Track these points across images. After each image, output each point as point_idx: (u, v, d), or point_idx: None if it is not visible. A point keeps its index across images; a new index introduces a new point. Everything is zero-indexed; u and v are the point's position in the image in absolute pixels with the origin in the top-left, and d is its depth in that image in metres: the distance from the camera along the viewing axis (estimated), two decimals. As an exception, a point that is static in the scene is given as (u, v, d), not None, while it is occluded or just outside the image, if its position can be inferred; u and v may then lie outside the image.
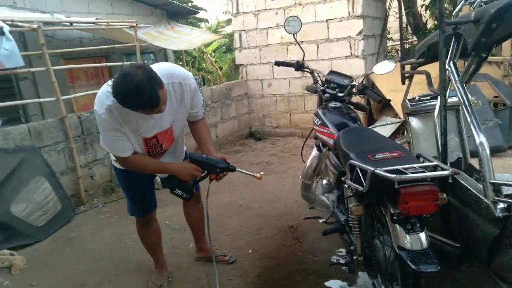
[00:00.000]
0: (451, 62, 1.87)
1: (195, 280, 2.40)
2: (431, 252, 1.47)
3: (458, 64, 1.94)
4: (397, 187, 1.41)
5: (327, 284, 2.22)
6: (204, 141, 2.08)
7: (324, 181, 2.55)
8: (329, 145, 2.29)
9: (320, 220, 2.35)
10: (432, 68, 2.72)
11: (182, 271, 2.51)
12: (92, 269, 2.65)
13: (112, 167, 1.94)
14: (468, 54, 1.73)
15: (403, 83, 2.67)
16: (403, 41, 2.71)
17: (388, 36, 6.83)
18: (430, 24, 6.60)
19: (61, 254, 2.89)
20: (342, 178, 1.88)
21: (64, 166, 3.67)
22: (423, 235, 1.50)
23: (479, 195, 1.62)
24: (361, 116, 4.65)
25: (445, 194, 1.51)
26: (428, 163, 1.53)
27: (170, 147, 2.05)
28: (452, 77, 1.85)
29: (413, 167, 1.49)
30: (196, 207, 2.43)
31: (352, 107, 2.60)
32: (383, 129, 4.72)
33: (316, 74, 2.72)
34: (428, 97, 2.65)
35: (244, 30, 5.94)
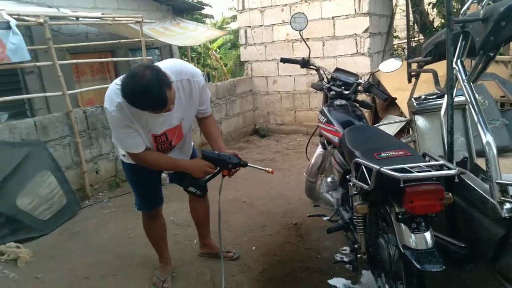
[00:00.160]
0: (459, 61, 1.86)
1: (199, 276, 2.41)
2: (436, 252, 1.46)
3: (465, 63, 1.93)
4: (403, 186, 1.40)
5: (331, 282, 2.22)
6: (214, 138, 2.09)
7: (329, 179, 2.54)
8: (334, 143, 2.28)
9: (324, 218, 2.35)
10: (439, 67, 2.70)
11: (186, 267, 2.52)
12: (97, 263, 2.67)
13: (120, 162, 1.96)
14: (476, 53, 1.72)
15: (410, 82, 2.65)
16: (410, 39, 2.68)
17: (394, 34, 6.78)
18: (437, 23, 6.54)
19: (66, 248, 2.91)
20: (347, 176, 1.88)
21: (70, 161, 3.69)
22: (428, 235, 1.50)
23: (486, 195, 1.61)
24: (366, 114, 4.63)
25: (451, 194, 1.51)
26: (434, 162, 1.53)
27: (179, 143, 2.06)
28: (460, 76, 1.83)
29: (419, 166, 1.48)
30: (203, 204, 2.44)
31: (358, 105, 2.58)
32: (389, 128, 4.70)
33: (322, 72, 2.71)
34: (434, 96, 2.63)
35: (250, 27, 5.92)
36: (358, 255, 1.92)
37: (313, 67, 2.70)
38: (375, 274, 1.90)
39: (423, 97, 2.68)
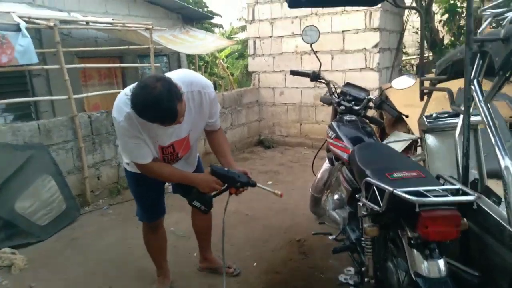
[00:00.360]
0: (475, 81, 1.80)
1: (198, 291, 2.33)
2: (450, 281, 1.39)
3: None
4: (418, 211, 1.33)
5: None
6: (224, 153, 2.04)
7: (336, 196, 2.47)
8: (343, 160, 2.21)
9: (330, 237, 2.27)
10: (451, 85, 2.65)
11: (185, 281, 2.44)
12: (93, 272, 2.60)
13: (122, 169, 1.91)
14: (496, 73, 1.66)
15: (422, 99, 2.59)
16: (423, 56, 2.63)
17: (404, 50, 6.75)
18: (447, 40, 6.51)
19: (63, 255, 2.85)
20: (357, 196, 1.81)
21: (72, 166, 3.64)
22: (442, 262, 1.42)
23: (503, 222, 1.53)
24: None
25: (465, 219, 1.43)
26: (451, 186, 1.45)
27: (185, 155, 2.01)
28: (476, 96, 1.78)
29: (435, 190, 1.41)
30: (205, 216, 2.36)
31: (368, 121, 2.52)
32: (396, 145, 4.62)
33: (332, 86, 2.66)
34: (446, 115, 2.57)
35: (259, 38, 5.91)
36: (366, 279, 1.83)
37: (323, 81, 2.65)
38: (383, 300, 1.81)
39: (435, 116, 2.62)
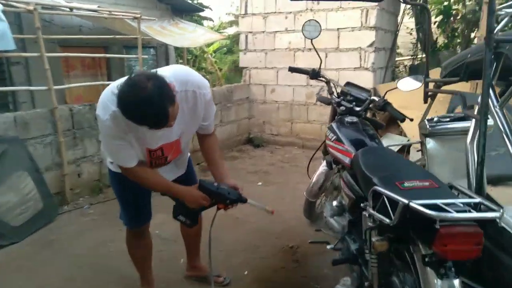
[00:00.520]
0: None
1: (184, 302, 2.16)
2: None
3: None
4: (438, 227, 1.20)
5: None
6: (215, 162, 1.87)
7: (335, 203, 2.33)
8: (344, 164, 2.07)
9: (328, 247, 2.12)
10: (453, 88, 2.55)
11: (170, 290, 2.27)
12: (70, 278, 2.41)
13: (105, 167, 1.73)
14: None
15: (426, 102, 2.48)
16: (428, 57, 2.51)
17: (397, 51, 6.68)
18: (440, 42, 6.47)
19: (38, 259, 2.63)
20: (362, 205, 1.67)
21: (50, 161, 3.40)
22: (457, 282, 1.30)
23: (522, 240, 1.42)
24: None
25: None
26: (470, 200, 1.33)
27: (175, 158, 1.83)
28: (490, 101, 1.66)
29: (454, 204, 1.28)
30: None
31: (369, 123, 2.39)
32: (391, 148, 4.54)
33: (332, 85, 2.52)
34: (448, 119, 2.47)
35: (251, 32, 5.73)
36: (368, 294, 1.70)
37: (323, 79, 2.50)
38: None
39: (436, 119, 2.51)
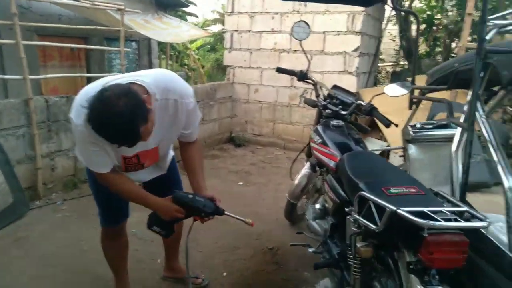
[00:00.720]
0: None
1: (161, 305, 2.09)
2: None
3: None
4: (425, 235, 1.19)
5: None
6: (195, 173, 1.79)
7: (317, 206, 2.31)
8: (329, 167, 2.06)
9: (309, 250, 2.11)
10: (436, 95, 2.58)
11: (146, 291, 2.20)
12: (40, 277, 2.30)
13: (80, 161, 1.63)
14: (504, 87, 1.56)
15: (410, 108, 2.50)
16: (416, 64, 2.53)
17: (380, 57, 6.77)
18: (422, 50, 6.60)
19: (6, 257, 2.50)
20: (347, 210, 1.65)
21: (22, 154, 3.25)
22: (441, 291, 1.30)
23: (503, 249, 1.43)
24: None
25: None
26: (456, 208, 1.33)
27: (152, 164, 1.76)
28: (477, 111, 1.67)
29: (441, 212, 1.27)
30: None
31: (354, 127, 2.39)
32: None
33: (319, 87, 2.50)
34: (431, 126, 2.50)
35: (237, 31, 5.67)
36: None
37: (311, 81, 2.48)
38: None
39: (419, 126, 2.54)
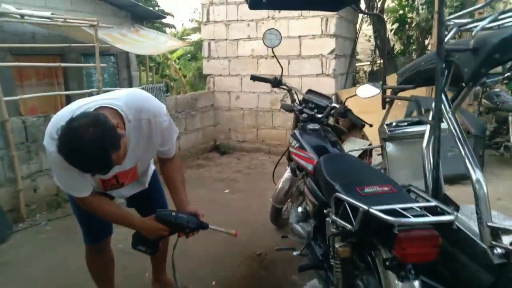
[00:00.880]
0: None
1: (150, 319, 2.09)
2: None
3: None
4: (396, 232, 1.24)
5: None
6: (175, 188, 1.80)
7: (299, 209, 2.35)
8: (308, 171, 2.10)
9: (294, 253, 2.14)
10: (409, 94, 2.66)
11: (135, 307, 2.19)
12: (27, 302, 2.26)
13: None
14: (465, 84, 1.63)
15: (384, 108, 2.56)
16: (386, 64, 2.61)
17: (357, 57, 6.91)
18: (397, 48, 6.76)
19: (-10, 283, 2.46)
20: (325, 211, 1.69)
21: (2, 177, 3.21)
22: (417, 284, 1.34)
23: (475, 238, 1.49)
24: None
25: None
26: (426, 204, 1.38)
27: (132, 182, 1.77)
28: (443, 107, 1.74)
29: (412, 208, 1.32)
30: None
31: (331, 130, 2.45)
32: (354, 153, 4.65)
33: (294, 92, 2.55)
34: (405, 123, 2.57)
35: (214, 40, 5.72)
36: (334, 299, 1.72)
37: (285, 87, 2.54)
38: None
39: (395, 124, 2.60)
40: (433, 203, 1.36)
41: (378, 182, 1.59)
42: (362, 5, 5.56)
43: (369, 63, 7.33)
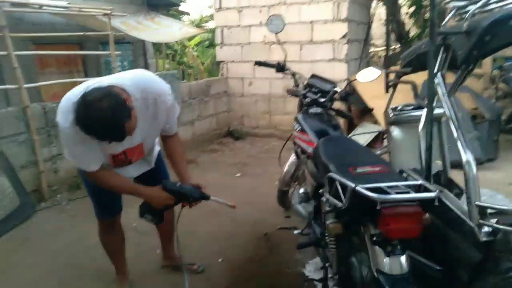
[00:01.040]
0: (439, 74, 1.79)
1: (159, 291, 2.24)
2: (411, 278, 1.38)
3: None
4: (379, 208, 1.30)
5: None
6: (177, 163, 1.95)
7: (301, 190, 2.43)
8: (308, 153, 2.17)
9: (295, 232, 2.23)
10: (417, 78, 2.66)
11: (147, 279, 2.35)
12: (47, 273, 2.44)
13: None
14: (458, 66, 1.65)
15: (387, 92, 2.59)
16: (389, 48, 2.61)
17: (372, 42, 6.81)
18: (413, 32, 6.62)
19: (14, 257, 2.66)
20: (320, 191, 1.77)
21: (25, 160, 3.40)
22: (404, 259, 1.40)
23: (464, 217, 1.53)
24: (341, 121, 4.57)
25: (428, 214, 1.42)
26: (413, 182, 1.43)
27: (139, 159, 1.90)
28: (440, 89, 1.77)
29: (397, 186, 1.38)
30: (166, 212, 2.26)
31: (334, 114, 2.49)
32: (363, 136, 4.66)
33: (298, 77, 2.60)
34: (411, 107, 2.58)
35: (227, 26, 5.76)
36: (329, 275, 1.81)
37: (289, 73, 2.58)
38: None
39: (400, 108, 2.62)
40: (419, 182, 1.42)
41: (371, 163, 1.65)
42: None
43: (384, 48, 7.21)
